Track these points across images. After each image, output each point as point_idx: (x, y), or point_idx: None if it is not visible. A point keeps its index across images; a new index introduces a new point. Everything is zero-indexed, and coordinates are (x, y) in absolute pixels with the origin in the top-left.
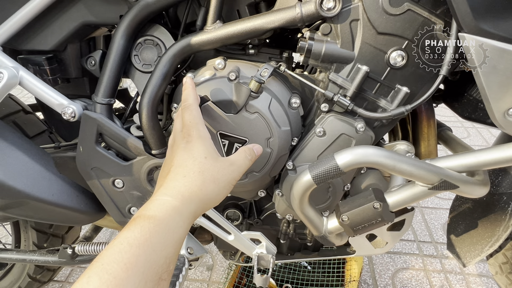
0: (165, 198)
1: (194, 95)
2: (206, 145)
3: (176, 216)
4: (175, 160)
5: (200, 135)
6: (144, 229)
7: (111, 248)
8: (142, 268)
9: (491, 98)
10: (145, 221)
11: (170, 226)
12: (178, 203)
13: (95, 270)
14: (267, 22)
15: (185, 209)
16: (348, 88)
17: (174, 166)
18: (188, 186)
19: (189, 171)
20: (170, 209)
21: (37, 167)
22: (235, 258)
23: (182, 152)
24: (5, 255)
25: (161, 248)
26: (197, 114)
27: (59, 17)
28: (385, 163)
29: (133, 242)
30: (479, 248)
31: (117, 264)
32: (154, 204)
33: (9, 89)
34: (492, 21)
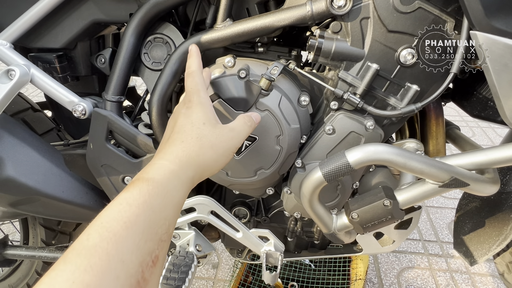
0: (163, 162)
1: (198, 62)
2: (205, 111)
3: (174, 180)
4: (175, 126)
5: (200, 101)
6: (143, 190)
7: (110, 208)
8: (142, 227)
9: (502, 96)
10: (144, 183)
11: (169, 188)
12: (176, 167)
13: (94, 227)
14: (277, 20)
15: (183, 173)
16: (358, 86)
17: (173, 132)
18: (185, 151)
19: (187, 137)
20: (168, 172)
21: (48, 164)
22: (242, 255)
23: (182, 117)
24: (14, 251)
25: (160, 209)
26: (199, 81)
27: (70, 16)
28: (396, 160)
29: (132, 202)
30: (487, 247)
31: (116, 222)
32: (152, 168)
33: (21, 86)
34: (504, 19)
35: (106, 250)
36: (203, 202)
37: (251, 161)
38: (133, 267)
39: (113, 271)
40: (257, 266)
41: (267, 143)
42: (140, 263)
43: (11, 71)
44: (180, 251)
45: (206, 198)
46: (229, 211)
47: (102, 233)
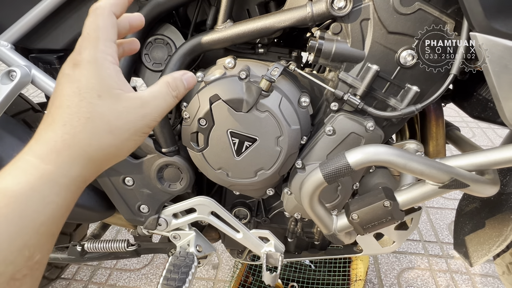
0: (30, 158)
1: (113, 5)
2: (103, 75)
3: (44, 188)
4: (55, 96)
5: (96, 58)
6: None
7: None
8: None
9: (502, 97)
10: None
11: (32, 203)
12: (50, 166)
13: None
14: (277, 21)
15: (63, 174)
16: (358, 87)
17: (53, 107)
18: (68, 140)
19: (72, 117)
20: (35, 177)
21: None
22: (242, 256)
23: (65, 83)
24: None
25: (11, 238)
26: (102, 24)
27: (71, 16)
28: (396, 161)
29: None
30: (487, 248)
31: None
32: (13, 169)
33: (22, 87)
34: (504, 20)
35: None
36: (203, 202)
37: (252, 162)
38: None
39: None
40: (257, 266)
41: (268, 144)
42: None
43: (12, 72)
44: (181, 252)
45: (206, 198)
46: (229, 211)
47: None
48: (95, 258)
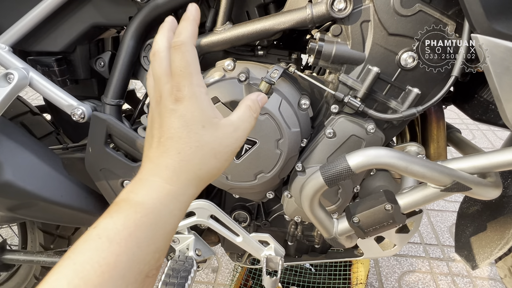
0: (157, 180)
1: (193, 30)
2: (202, 107)
3: (170, 204)
4: (164, 128)
5: (194, 92)
6: (129, 220)
7: (87, 241)
8: (123, 270)
9: (504, 99)
10: (131, 209)
11: (162, 215)
12: (173, 187)
13: (65, 270)
14: (277, 23)
15: (182, 193)
16: (359, 89)
17: (163, 137)
18: (184, 166)
19: (184, 146)
20: (163, 195)
21: (46, 168)
22: (242, 260)
23: (172, 117)
24: (13, 256)
25: (149, 243)
26: (191, 59)
27: (69, 19)
28: (397, 164)
29: (113, 237)
30: (488, 251)
31: (91, 266)
32: (143, 187)
33: (20, 90)
34: (505, 22)
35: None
36: (203, 206)
37: (251, 165)
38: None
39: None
40: (257, 270)
41: (268, 146)
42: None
43: (10, 75)
44: (180, 256)
45: (206, 202)
46: (229, 215)
47: (71, 280)
48: None
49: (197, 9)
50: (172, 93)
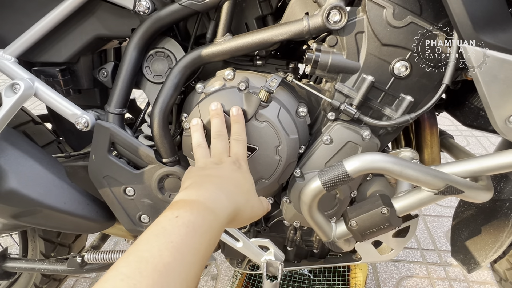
0: (222, 198)
1: (244, 127)
2: (251, 180)
3: (224, 222)
4: (227, 173)
5: (247, 169)
6: (206, 220)
7: (178, 227)
8: (204, 252)
9: (493, 106)
10: (206, 210)
11: (220, 227)
12: (229, 210)
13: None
14: (275, 34)
15: (226, 218)
16: (354, 97)
17: (226, 178)
18: (237, 200)
19: (242, 187)
20: (223, 211)
21: (50, 176)
22: (242, 265)
23: (236, 172)
24: (14, 264)
25: (209, 245)
26: (244, 152)
27: (73, 31)
28: (392, 169)
29: (198, 229)
30: (483, 254)
31: (179, 245)
32: (212, 199)
33: (25, 99)
34: (491, 32)
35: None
36: None
37: (251, 171)
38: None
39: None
40: (256, 276)
41: (267, 153)
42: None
43: (16, 85)
44: None
45: None
46: None
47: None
48: (94, 270)
49: (241, 114)
50: (235, 163)
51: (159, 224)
